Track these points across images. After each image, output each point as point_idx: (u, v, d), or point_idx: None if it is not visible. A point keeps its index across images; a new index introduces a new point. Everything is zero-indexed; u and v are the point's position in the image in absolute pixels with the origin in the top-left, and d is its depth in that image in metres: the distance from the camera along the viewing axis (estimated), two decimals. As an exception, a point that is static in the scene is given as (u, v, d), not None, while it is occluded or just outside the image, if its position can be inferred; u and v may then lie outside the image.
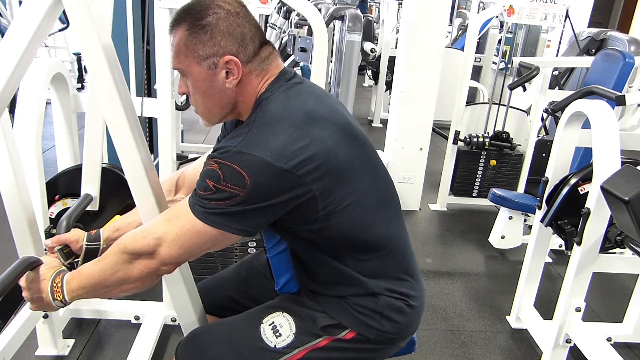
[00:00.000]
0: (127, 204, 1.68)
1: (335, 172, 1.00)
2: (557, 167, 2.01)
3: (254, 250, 2.09)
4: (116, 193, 1.79)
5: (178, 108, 3.03)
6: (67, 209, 1.74)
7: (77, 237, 1.22)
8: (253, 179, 0.93)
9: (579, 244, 1.79)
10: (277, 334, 1.12)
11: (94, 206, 1.63)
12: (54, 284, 1.04)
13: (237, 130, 1.03)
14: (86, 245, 1.21)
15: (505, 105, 3.43)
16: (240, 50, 1.01)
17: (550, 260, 2.91)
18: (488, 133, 3.43)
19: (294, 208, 0.99)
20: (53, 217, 1.79)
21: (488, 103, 3.53)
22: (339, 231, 1.05)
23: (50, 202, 1.77)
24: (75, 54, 5.90)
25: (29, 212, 1.44)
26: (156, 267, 1.00)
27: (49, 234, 1.63)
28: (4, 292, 1.00)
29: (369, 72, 5.91)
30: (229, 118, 1.13)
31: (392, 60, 4.22)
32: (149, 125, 3.27)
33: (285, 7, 3.92)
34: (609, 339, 2.10)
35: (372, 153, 1.12)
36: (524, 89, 3.52)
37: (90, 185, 1.62)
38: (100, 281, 1.02)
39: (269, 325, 1.13)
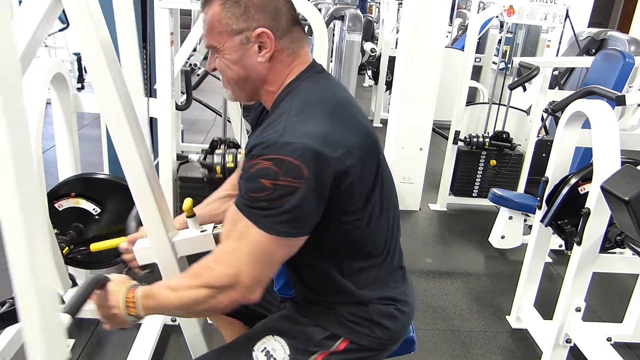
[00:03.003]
0: (128, 207, 1.70)
1: (366, 161, 1.01)
2: (557, 167, 2.01)
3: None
4: (117, 198, 1.82)
5: (178, 108, 3.03)
6: (77, 207, 1.78)
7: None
8: (309, 167, 0.90)
9: (579, 244, 1.79)
10: (272, 359, 1.10)
11: None
12: (127, 300, 1.02)
13: (272, 120, 1.00)
14: None
15: (505, 105, 3.43)
16: (274, 24, 1.01)
17: (550, 260, 2.91)
18: (488, 133, 3.43)
19: (336, 198, 0.98)
20: (61, 209, 1.80)
21: (488, 103, 3.53)
22: (355, 230, 1.05)
23: (63, 197, 1.80)
24: (75, 54, 5.90)
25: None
26: (242, 297, 0.98)
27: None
28: (76, 312, 0.97)
29: (369, 72, 5.91)
30: (256, 98, 1.11)
31: (392, 60, 4.22)
32: (150, 126, 3.26)
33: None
34: (609, 339, 2.10)
35: (383, 155, 1.13)
36: (524, 89, 3.52)
37: None
38: (180, 310, 1.03)
39: (262, 352, 1.11)
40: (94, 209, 1.81)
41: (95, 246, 1.45)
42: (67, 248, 1.77)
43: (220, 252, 0.99)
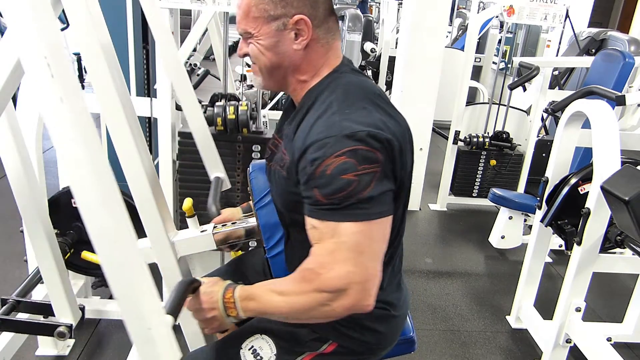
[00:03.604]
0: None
1: (410, 151, 1.03)
2: (557, 167, 2.01)
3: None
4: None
5: (178, 108, 3.03)
6: (76, 207, 1.76)
7: (232, 213, 1.27)
8: (379, 150, 0.91)
9: (579, 244, 1.79)
10: (258, 357, 1.09)
11: (226, 185, 1.63)
12: (226, 300, 1.00)
13: (318, 114, 0.98)
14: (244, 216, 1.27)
15: (505, 105, 3.43)
16: (312, 12, 1.00)
17: (550, 260, 2.91)
18: (488, 133, 3.43)
19: None
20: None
21: (488, 103, 3.53)
22: None
23: None
24: (75, 54, 5.90)
25: (43, 215, 1.42)
26: (358, 301, 0.93)
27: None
28: (177, 314, 0.94)
29: (369, 72, 5.91)
30: (284, 87, 1.09)
31: (392, 60, 4.22)
32: (149, 126, 3.26)
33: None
34: (609, 339, 2.10)
35: None
36: (524, 89, 3.52)
37: (215, 169, 1.62)
38: (288, 315, 0.99)
39: (249, 350, 1.10)
40: None
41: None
42: (68, 253, 1.75)
43: (319, 256, 0.94)
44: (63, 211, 1.81)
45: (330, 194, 0.90)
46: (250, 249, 2.12)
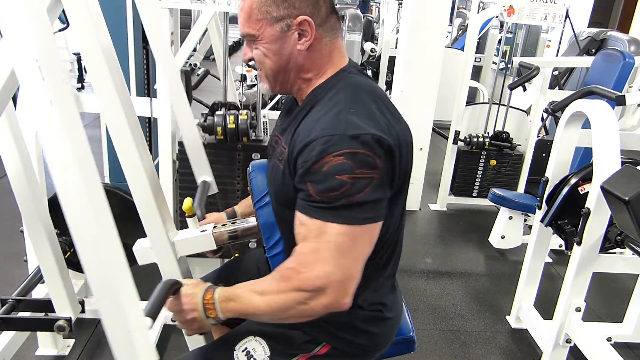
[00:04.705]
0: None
1: (410, 154, 1.03)
2: (557, 167, 2.01)
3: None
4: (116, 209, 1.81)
5: (178, 108, 3.03)
6: None
7: (217, 218, 1.26)
8: (380, 157, 0.91)
9: (579, 244, 1.79)
10: (252, 359, 1.09)
11: (212, 190, 1.64)
12: (206, 302, 1.00)
13: (323, 112, 0.97)
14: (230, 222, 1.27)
15: (505, 105, 3.43)
16: (315, 12, 1.00)
17: (550, 260, 2.91)
18: (488, 133, 3.43)
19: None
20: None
21: (488, 103, 3.53)
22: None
23: None
24: (75, 54, 5.90)
25: (43, 215, 1.43)
26: (335, 300, 0.93)
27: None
28: (156, 316, 0.95)
29: (369, 72, 5.91)
30: (290, 90, 1.09)
31: (392, 60, 4.22)
32: (149, 125, 3.27)
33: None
34: (609, 339, 2.10)
35: None
36: (524, 89, 3.52)
37: (203, 173, 1.63)
38: (267, 314, 0.98)
39: (243, 352, 1.10)
40: None
41: None
42: (68, 253, 1.76)
43: (302, 255, 0.95)
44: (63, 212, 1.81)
45: (322, 191, 0.91)
46: (249, 249, 2.12)
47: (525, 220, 2.85)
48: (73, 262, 1.84)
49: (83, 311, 1.45)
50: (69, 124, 0.75)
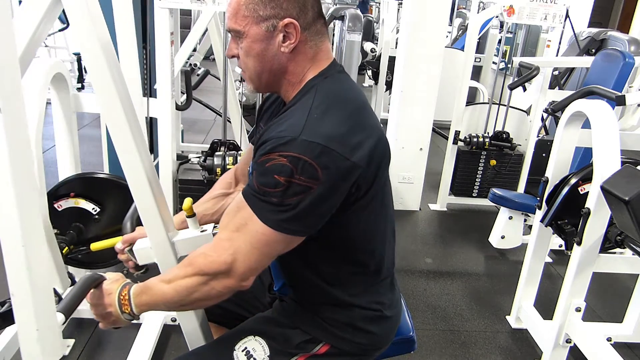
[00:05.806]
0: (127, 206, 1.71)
1: (381, 167, 1.01)
2: (557, 167, 2.01)
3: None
4: (116, 198, 1.82)
5: (178, 108, 3.03)
6: (76, 207, 1.79)
7: (143, 233, 1.22)
8: (325, 170, 0.90)
9: (579, 244, 1.79)
10: (252, 358, 1.10)
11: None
12: (121, 297, 1.02)
13: (291, 113, 0.99)
14: None
15: (505, 105, 3.43)
16: (301, 15, 0.99)
17: (550, 260, 2.91)
18: (488, 133, 3.43)
19: (344, 201, 0.97)
20: (60, 209, 1.81)
21: (488, 103, 3.54)
22: (349, 232, 1.04)
23: (62, 197, 1.80)
24: (75, 54, 5.90)
25: (43, 215, 1.43)
26: (236, 284, 0.97)
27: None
28: (71, 312, 0.98)
29: (369, 72, 5.91)
30: (276, 89, 1.09)
31: (392, 60, 4.22)
32: (149, 125, 3.27)
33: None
34: (609, 339, 2.10)
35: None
36: (524, 89, 3.52)
37: None
38: (175, 301, 1.00)
39: (242, 351, 1.11)
40: (93, 209, 1.81)
41: (95, 245, 1.45)
42: (67, 248, 1.77)
43: (217, 240, 0.99)
44: (63, 211, 1.82)
45: (260, 183, 0.93)
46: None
47: (525, 220, 2.85)
48: (73, 259, 1.85)
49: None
50: (13, 134, 0.76)
